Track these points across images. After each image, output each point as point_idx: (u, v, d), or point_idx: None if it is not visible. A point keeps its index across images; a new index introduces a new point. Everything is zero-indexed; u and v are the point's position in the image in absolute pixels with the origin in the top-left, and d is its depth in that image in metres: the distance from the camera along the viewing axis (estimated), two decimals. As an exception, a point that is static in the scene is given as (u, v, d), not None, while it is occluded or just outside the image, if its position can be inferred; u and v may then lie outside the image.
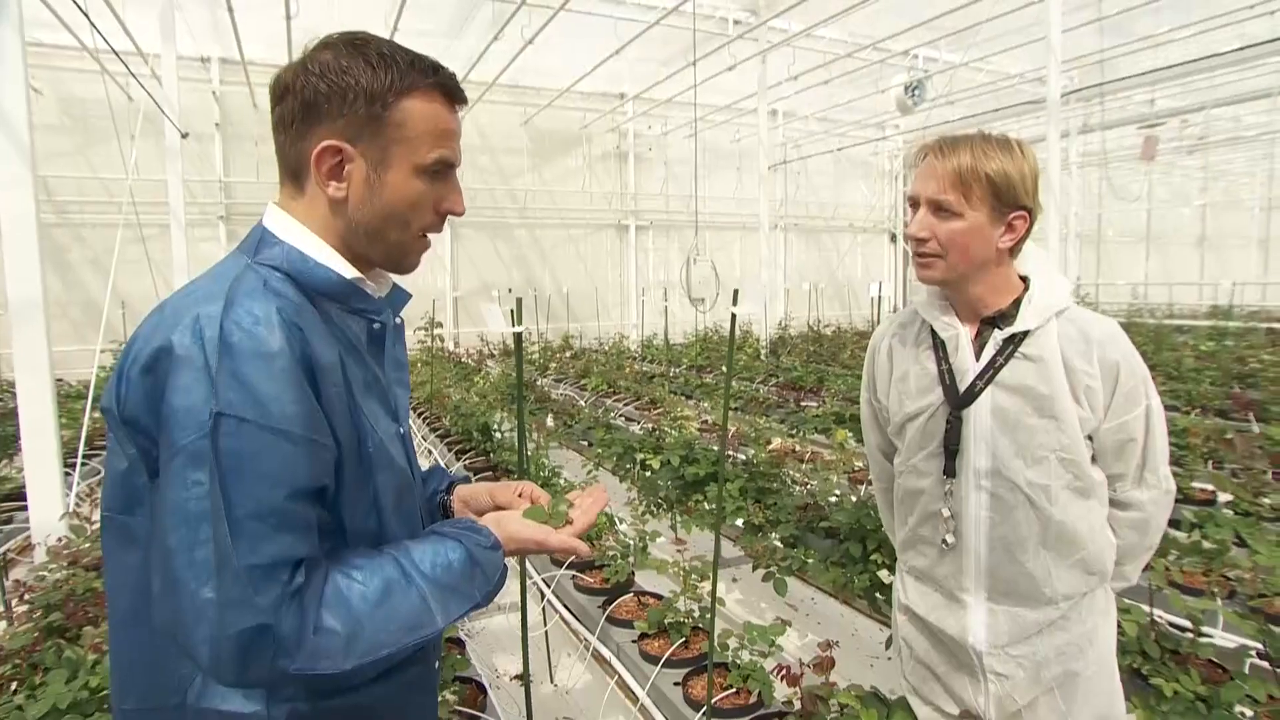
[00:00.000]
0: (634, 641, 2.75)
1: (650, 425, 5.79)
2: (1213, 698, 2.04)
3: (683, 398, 7.63)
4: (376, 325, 0.98)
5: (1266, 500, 3.63)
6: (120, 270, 4.97)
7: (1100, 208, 16.43)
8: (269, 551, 0.76)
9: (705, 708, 1.99)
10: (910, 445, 1.44)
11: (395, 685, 0.95)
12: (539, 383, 8.36)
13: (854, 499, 3.35)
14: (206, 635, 0.75)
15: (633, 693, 2.62)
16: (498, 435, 5.40)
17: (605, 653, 2.83)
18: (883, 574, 2.79)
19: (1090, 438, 1.32)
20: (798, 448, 5.16)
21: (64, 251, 9.92)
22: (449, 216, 0.99)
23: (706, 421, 6.61)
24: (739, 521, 3.49)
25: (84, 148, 9.95)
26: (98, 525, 3.06)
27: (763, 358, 10.39)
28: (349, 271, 0.94)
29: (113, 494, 0.87)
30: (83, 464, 4.65)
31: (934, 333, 1.40)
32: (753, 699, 2.26)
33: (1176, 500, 4.08)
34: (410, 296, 1.08)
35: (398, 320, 1.06)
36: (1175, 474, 4.34)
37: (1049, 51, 6.51)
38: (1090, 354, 1.29)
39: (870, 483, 1.76)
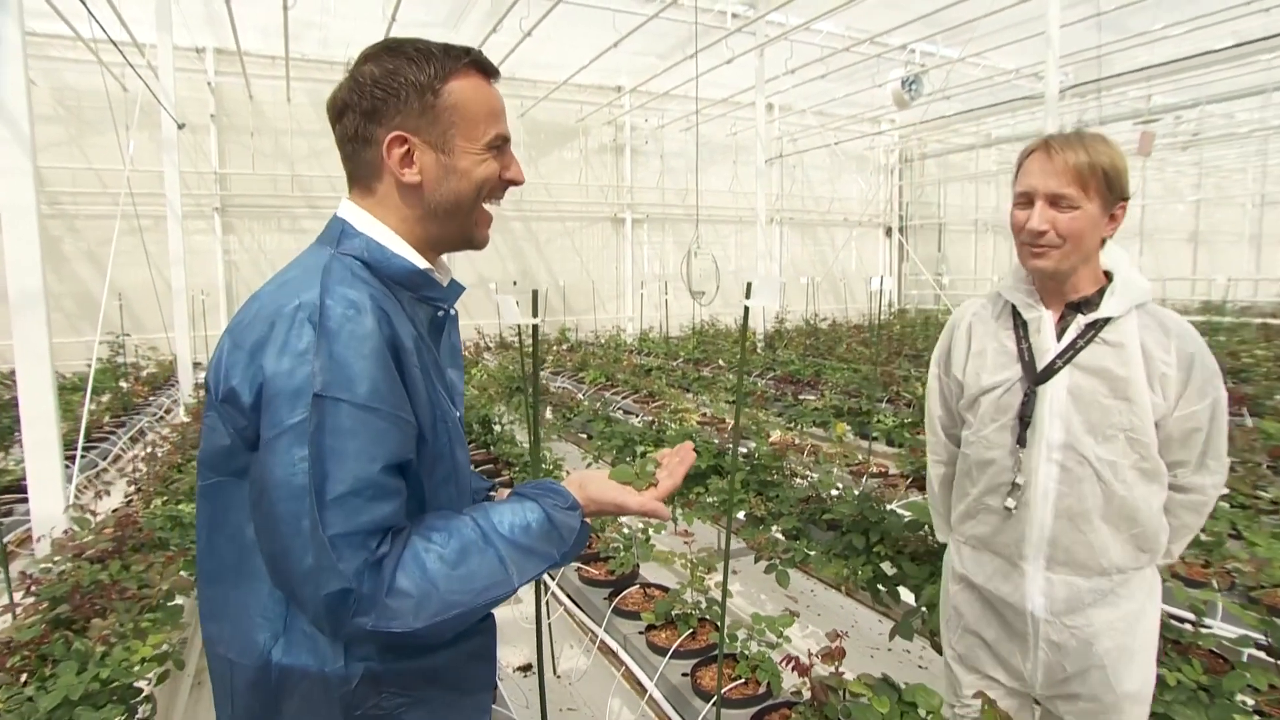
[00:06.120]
0: (641, 633, 2.76)
1: (650, 418, 5.79)
2: (1214, 687, 2.06)
3: (681, 391, 7.63)
4: (440, 313, 1.06)
5: (1265, 494, 3.67)
6: (115, 262, 4.94)
7: (1095, 203, 16.44)
8: (362, 521, 0.84)
9: (715, 698, 2.00)
10: (983, 417, 1.52)
11: (459, 653, 1.02)
12: (537, 376, 8.33)
13: (856, 492, 3.36)
14: (308, 597, 0.84)
15: (639, 684, 2.63)
16: (498, 428, 5.39)
17: (612, 644, 2.84)
18: (885, 565, 2.81)
19: (1157, 425, 1.39)
20: (797, 440, 5.18)
21: (58, 243, 9.84)
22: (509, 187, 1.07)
23: (706, 414, 6.62)
24: (741, 514, 3.50)
25: (78, 138, 9.87)
26: (101, 517, 3.07)
27: (759, 351, 10.41)
28: (421, 262, 1.01)
29: (213, 463, 0.95)
30: (81, 456, 4.63)
31: (1015, 313, 1.49)
32: (761, 689, 2.28)
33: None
34: (465, 289, 1.13)
35: (453, 311, 1.12)
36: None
37: (1048, 46, 6.50)
38: (1169, 345, 1.38)
39: (882, 474, 1.77)
